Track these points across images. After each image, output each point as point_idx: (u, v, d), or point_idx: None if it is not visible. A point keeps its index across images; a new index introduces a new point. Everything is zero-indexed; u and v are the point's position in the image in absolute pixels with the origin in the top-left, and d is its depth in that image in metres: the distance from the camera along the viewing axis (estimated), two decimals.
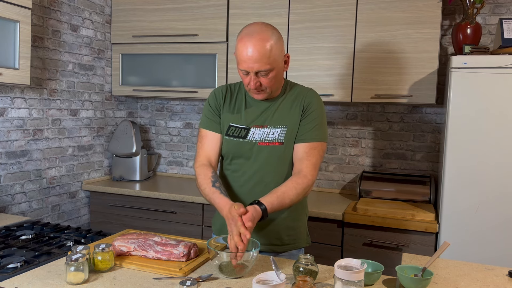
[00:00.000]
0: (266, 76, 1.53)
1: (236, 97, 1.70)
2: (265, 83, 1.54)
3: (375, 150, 2.93)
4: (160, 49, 3.00)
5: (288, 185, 1.55)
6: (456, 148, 2.15)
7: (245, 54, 1.49)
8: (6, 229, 1.83)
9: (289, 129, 1.62)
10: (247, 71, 1.52)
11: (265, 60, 1.49)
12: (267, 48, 1.49)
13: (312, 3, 2.63)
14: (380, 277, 1.37)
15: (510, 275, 1.43)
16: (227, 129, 1.67)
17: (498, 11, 2.63)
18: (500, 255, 2.10)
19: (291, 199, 1.53)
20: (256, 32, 1.50)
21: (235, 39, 2.77)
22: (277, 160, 1.62)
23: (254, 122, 1.64)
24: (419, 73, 2.46)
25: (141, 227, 2.83)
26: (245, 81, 1.57)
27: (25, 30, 2.18)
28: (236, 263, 1.33)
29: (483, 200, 2.12)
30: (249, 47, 1.48)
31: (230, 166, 1.70)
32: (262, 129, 1.63)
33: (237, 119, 1.66)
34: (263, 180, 1.63)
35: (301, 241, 1.73)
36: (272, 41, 1.51)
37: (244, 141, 1.64)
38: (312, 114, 1.62)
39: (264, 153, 1.62)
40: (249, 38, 1.49)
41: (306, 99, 1.64)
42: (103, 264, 1.35)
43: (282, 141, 1.61)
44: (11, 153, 2.46)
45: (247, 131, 1.64)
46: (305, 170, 1.58)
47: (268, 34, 1.51)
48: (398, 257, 2.30)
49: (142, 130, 3.50)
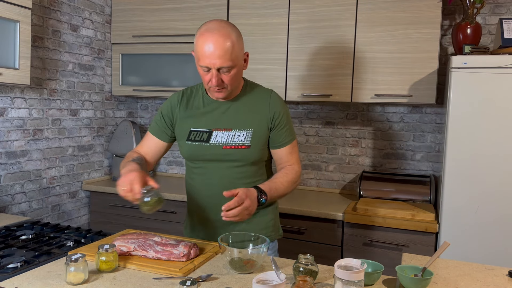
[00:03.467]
0: (228, 73, 1.52)
1: (193, 100, 1.70)
2: (226, 80, 1.53)
3: (375, 150, 2.93)
4: (160, 49, 3.00)
5: (279, 174, 1.64)
6: (456, 148, 2.15)
7: (207, 49, 1.47)
8: (6, 229, 1.83)
9: (255, 132, 1.62)
10: (209, 67, 1.50)
11: (228, 57, 1.48)
12: (229, 44, 1.48)
13: (312, 3, 2.63)
14: (380, 277, 1.37)
15: (510, 275, 1.43)
16: (188, 134, 1.66)
17: (498, 11, 2.63)
18: (500, 255, 2.10)
19: (284, 185, 1.61)
20: (216, 28, 1.49)
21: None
22: (245, 163, 1.64)
23: (216, 125, 1.64)
24: (419, 73, 2.46)
25: (141, 227, 2.83)
26: (206, 79, 1.54)
27: (25, 30, 2.18)
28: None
29: (483, 200, 2.12)
30: (211, 42, 1.47)
31: (196, 170, 1.70)
32: (226, 132, 1.62)
33: (197, 123, 1.66)
34: (232, 182, 1.63)
35: (274, 235, 1.76)
36: (233, 38, 1.50)
37: (207, 144, 1.63)
38: (282, 120, 1.65)
39: (230, 156, 1.62)
40: (211, 34, 1.48)
41: (271, 107, 1.65)
42: (107, 265, 1.35)
43: (248, 144, 1.62)
44: (11, 153, 2.46)
45: (209, 134, 1.63)
46: (290, 162, 1.68)
47: (228, 31, 1.50)
48: (398, 257, 2.30)
49: (142, 130, 3.50)
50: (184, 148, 1.69)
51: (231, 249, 1.36)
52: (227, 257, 1.37)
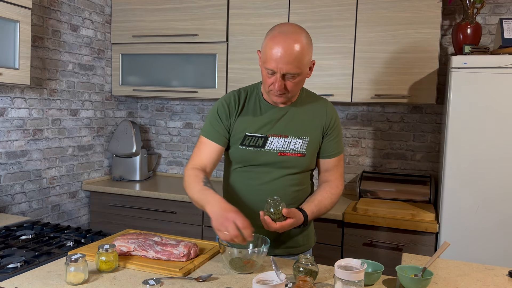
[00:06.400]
0: (292, 79, 1.46)
1: (248, 103, 1.62)
2: (289, 86, 1.48)
3: (375, 150, 2.93)
4: (160, 49, 3.00)
5: (323, 195, 1.60)
6: (456, 148, 2.15)
7: (276, 53, 1.41)
8: (6, 229, 1.83)
9: (311, 141, 1.60)
10: (274, 71, 1.45)
11: (296, 64, 1.42)
12: (299, 51, 1.42)
13: (312, 3, 2.63)
14: (380, 277, 1.37)
15: (510, 275, 1.43)
16: (243, 139, 1.59)
17: (498, 11, 2.63)
18: (500, 255, 2.10)
19: (326, 208, 1.60)
20: (291, 32, 1.43)
21: (235, 39, 2.80)
22: (298, 171, 1.62)
23: (272, 131, 1.59)
24: (419, 73, 2.46)
25: (141, 227, 2.83)
26: (268, 82, 1.49)
27: (25, 30, 2.18)
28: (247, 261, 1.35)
29: (483, 200, 2.12)
30: (281, 47, 1.41)
31: (245, 173, 1.63)
32: (281, 139, 1.58)
33: (253, 128, 1.59)
34: (283, 189, 1.60)
35: (311, 241, 1.75)
36: (304, 45, 1.44)
37: (262, 150, 1.58)
38: (335, 130, 1.64)
39: (285, 163, 1.59)
40: (284, 37, 1.42)
41: (328, 115, 1.63)
42: (107, 265, 1.35)
43: (304, 152, 1.59)
44: (11, 153, 2.46)
45: (265, 140, 1.58)
46: (335, 181, 1.65)
47: (302, 37, 1.44)
48: (398, 257, 2.30)
49: (142, 130, 3.50)
50: (237, 152, 1.61)
51: (231, 249, 1.36)
52: (227, 257, 1.37)
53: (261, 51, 1.50)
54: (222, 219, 1.33)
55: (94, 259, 1.38)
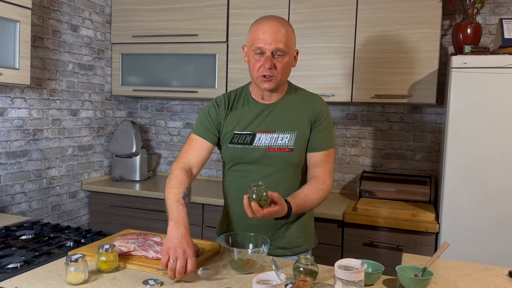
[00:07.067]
0: (280, 58, 1.52)
1: (237, 103, 1.66)
2: (278, 68, 1.52)
3: (375, 150, 2.93)
4: (160, 49, 3.00)
5: (310, 189, 1.57)
6: (456, 148, 2.15)
7: (263, 32, 1.50)
8: (6, 229, 1.83)
9: (299, 135, 1.60)
10: (263, 50, 1.50)
11: (284, 41, 1.50)
12: (286, 30, 1.52)
13: (312, 3, 2.63)
14: (380, 277, 1.37)
15: (510, 275, 1.43)
16: (232, 137, 1.62)
17: (498, 11, 2.63)
18: (500, 255, 2.10)
19: (313, 203, 1.57)
20: (275, 17, 1.55)
21: (235, 39, 2.80)
22: (287, 166, 1.61)
23: (260, 127, 1.61)
24: (419, 73, 2.46)
25: (141, 227, 2.82)
26: (257, 66, 1.53)
27: (25, 30, 2.18)
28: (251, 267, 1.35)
29: (483, 200, 2.12)
30: (267, 26, 1.51)
31: (237, 172, 1.65)
32: (269, 135, 1.60)
33: (241, 126, 1.62)
34: (273, 185, 1.58)
35: (311, 242, 1.73)
36: (288, 28, 1.55)
37: (250, 147, 1.60)
38: (323, 123, 1.62)
39: (273, 159, 1.59)
40: (269, 20, 1.53)
41: (315, 107, 1.63)
42: (107, 265, 1.35)
43: (292, 147, 1.59)
44: (11, 153, 2.46)
45: (253, 137, 1.60)
46: (323, 176, 1.61)
47: (286, 22, 1.56)
48: (398, 257, 2.30)
49: (142, 130, 3.50)
50: (228, 151, 1.64)
51: (231, 249, 1.36)
52: (227, 257, 1.37)
53: (248, 39, 1.56)
54: (178, 247, 1.29)
55: (94, 259, 1.38)
